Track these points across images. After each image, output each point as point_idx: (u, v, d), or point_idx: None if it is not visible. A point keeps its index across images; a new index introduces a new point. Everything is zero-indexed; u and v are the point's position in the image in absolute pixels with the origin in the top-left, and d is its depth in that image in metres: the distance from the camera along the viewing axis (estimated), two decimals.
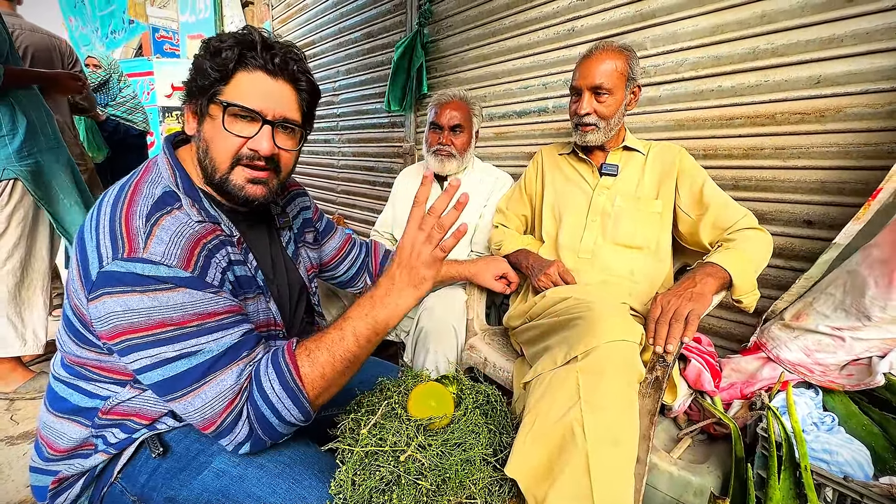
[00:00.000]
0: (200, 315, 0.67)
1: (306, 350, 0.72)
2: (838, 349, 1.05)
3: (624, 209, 1.27)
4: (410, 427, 0.84)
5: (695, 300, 0.96)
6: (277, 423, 0.70)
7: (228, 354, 0.69)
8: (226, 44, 0.73)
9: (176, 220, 0.69)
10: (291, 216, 1.02)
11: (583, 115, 1.24)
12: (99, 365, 0.76)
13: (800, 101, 1.23)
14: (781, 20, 1.23)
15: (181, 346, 0.65)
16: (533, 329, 1.14)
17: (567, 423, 0.81)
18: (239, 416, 0.69)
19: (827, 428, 1.01)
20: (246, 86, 0.74)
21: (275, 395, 0.69)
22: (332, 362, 0.71)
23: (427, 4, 2.37)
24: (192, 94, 0.76)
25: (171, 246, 0.66)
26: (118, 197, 0.70)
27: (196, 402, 0.67)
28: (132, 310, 0.63)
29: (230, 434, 0.69)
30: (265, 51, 0.74)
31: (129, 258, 0.63)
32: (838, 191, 1.19)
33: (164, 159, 0.77)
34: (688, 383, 1.20)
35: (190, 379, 0.66)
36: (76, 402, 0.78)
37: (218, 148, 0.75)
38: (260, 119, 0.75)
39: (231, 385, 0.67)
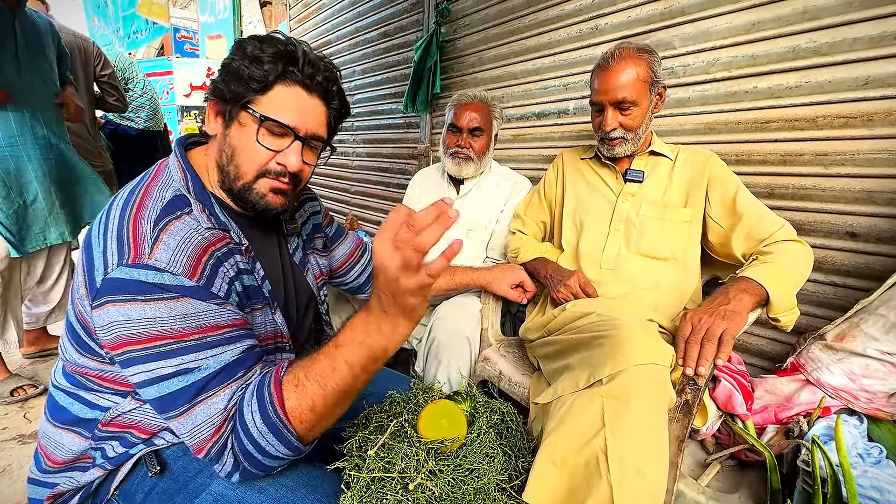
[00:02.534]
0: (202, 328, 0.63)
1: (295, 379, 0.65)
2: (889, 375, 0.97)
3: (650, 217, 1.20)
4: (420, 451, 0.79)
5: (729, 318, 0.89)
6: (262, 457, 0.64)
7: (224, 373, 0.64)
8: (267, 53, 0.70)
9: (185, 225, 0.66)
10: (301, 222, 0.99)
11: (609, 130, 1.18)
12: (100, 375, 0.73)
13: (844, 103, 1.14)
14: (825, 17, 1.15)
15: (179, 360, 0.62)
16: (552, 344, 1.08)
17: (591, 450, 0.75)
18: (224, 447, 0.64)
19: (874, 461, 0.92)
20: (282, 100, 0.72)
21: (256, 430, 0.63)
22: (324, 395, 0.63)
23: (444, 3, 2.32)
24: (221, 96, 0.73)
25: (177, 253, 0.63)
26: (128, 201, 0.68)
27: (188, 425, 0.63)
28: (132, 320, 0.60)
29: (218, 462, 0.65)
30: (308, 67, 0.73)
31: (133, 264, 0.61)
32: (887, 201, 1.10)
33: (176, 162, 0.75)
34: (717, 405, 1.12)
35: (184, 398, 0.63)
36: (76, 413, 0.75)
37: (245, 157, 0.73)
38: (292, 135, 0.73)
39: (221, 409, 0.63)
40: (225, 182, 0.75)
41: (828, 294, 1.21)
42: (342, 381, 0.63)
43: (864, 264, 1.15)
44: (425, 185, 1.79)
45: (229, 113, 0.73)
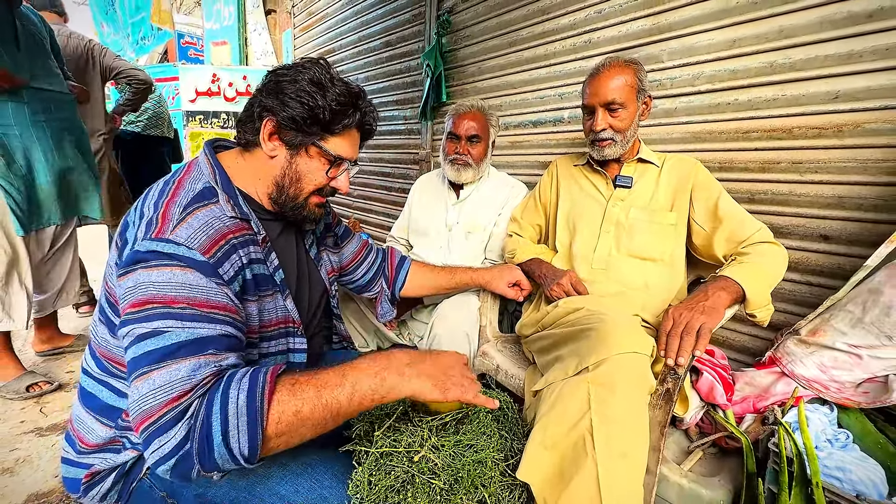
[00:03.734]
0: (192, 300, 0.66)
1: (292, 380, 0.67)
2: (855, 367, 1.05)
3: (638, 221, 1.28)
4: (424, 429, 0.87)
5: (707, 314, 0.97)
6: (219, 442, 0.61)
7: (194, 345, 0.64)
8: (344, 103, 0.82)
9: (210, 213, 0.74)
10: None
11: (599, 131, 1.26)
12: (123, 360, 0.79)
13: (817, 115, 1.23)
14: (800, 35, 1.23)
15: (157, 324, 0.64)
16: (545, 338, 1.16)
17: (578, 432, 0.83)
18: (181, 416, 0.61)
19: (841, 445, 1.00)
20: (347, 141, 0.87)
21: (234, 406, 0.62)
22: (313, 405, 0.64)
23: (446, 15, 2.41)
24: (289, 127, 0.81)
25: (198, 233, 0.70)
26: (163, 190, 0.76)
27: (143, 388, 0.61)
28: (139, 284, 0.66)
29: (162, 436, 0.60)
30: (370, 117, 0.89)
31: (155, 238, 0.68)
32: (856, 206, 1.18)
33: (206, 160, 0.83)
34: (700, 396, 1.20)
35: (148, 360, 0.63)
36: (105, 400, 0.81)
37: (307, 182, 0.86)
38: (346, 165, 0.89)
39: (183, 377, 0.62)
40: (280, 197, 0.86)
41: (804, 293, 1.29)
42: (337, 401, 0.65)
43: (837, 265, 1.23)
44: (426, 190, 1.87)
45: (298, 144, 0.83)
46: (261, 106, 0.81)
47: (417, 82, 2.73)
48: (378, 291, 1.31)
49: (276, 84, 0.81)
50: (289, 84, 0.80)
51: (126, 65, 2.57)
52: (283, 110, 0.80)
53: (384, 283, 1.30)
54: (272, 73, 0.84)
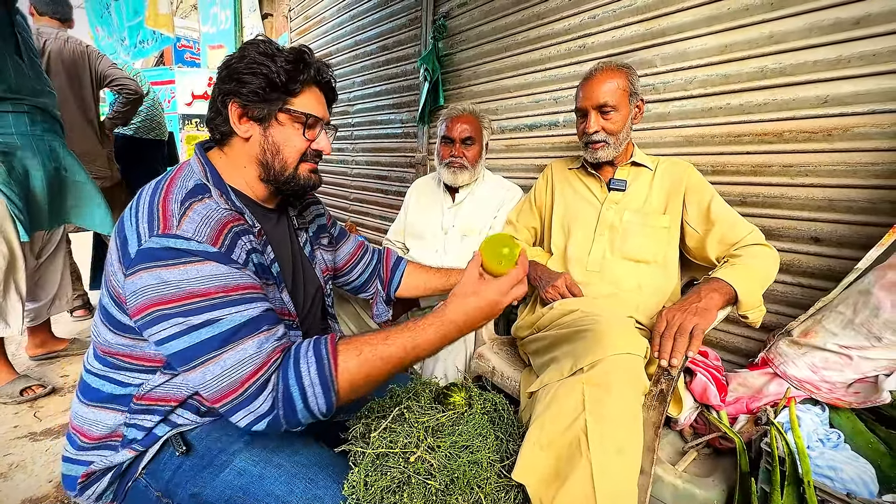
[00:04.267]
0: (225, 288, 0.71)
1: (356, 349, 0.74)
2: (845, 367, 1.06)
3: (632, 223, 1.30)
4: (419, 430, 0.88)
5: (699, 315, 0.98)
6: (301, 407, 0.71)
7: (249, 325, 0.71)
8: (293, 63, 0.83)
9: (206, 206, 0.75)
10: (307, 220, 1.09)
11: (591, 133, 1.27)
12: (130, 354, 0.80)
13: (807, 119, 1.25)
14: (789, 41, 1.25)
15: (208, 315, 0.69)
16: (540, 340, 1.17)
17: (573, 432, 0.83)
18: (263, 387, 0.70)
19: (833, 445, 1.01)
20: (311, 98, 0.88)
21: (308, 379, 0.71)
22: (378, 365, 0.74)
23: (441, 20, 2.43)
24: (253, 102, 0.82)
25: (201, 225, 0.72)
26: (155, 189, 0.77)
27: (215, 370, 0.68)
28: (164, 281, 0.68)
29: (248, 406, 0.69)
30: (320, 69, 0.89)
31: (163, 234, 0.70)
32: (846, 209, 1.20)
33: (196, 159, 0.85)
34: (694, 397, 1.21)
35: (210, 346, 0.69)
36: (109, 391, 0.82)
37: (289, 150, 0.86)
38: (321, 124, 0.90)
39: (252, 354, 0.69)
40: (269, 174, 0.87)
41: (796, 294, 1.31)
42: (400, 358, 0.75)
43: (828, 267, 1.25)
44: (422, 193, 1.88)
45: (266, 115, 0.83)
46: (221, 93, 0.83)
47: (414, 86, 2.74)
48: (374, 292, 1.32)
49: (227, 70, 0.83)
50: (238, 63, 0.82)
51: (120, 73, 2.55)
52: (241, 88, 0.81)
53: (379, 285, 1.31)
54: (220, 65, 0.86)
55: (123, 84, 2.56)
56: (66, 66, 2.32)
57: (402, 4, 2.76)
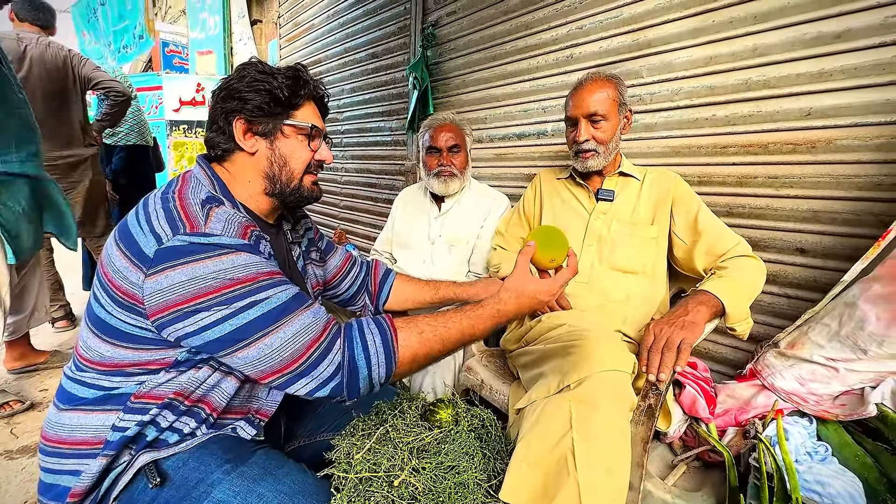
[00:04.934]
0: (263, 273, 0.74)
1: (416, 327, 0.79)
2: (832, 379, 1.06)
3: (620, 234, 1.29)
4: (404, 451, 0.86)
5: (687, 329, 0.97)
6: (365, 374, 0.75)
7: (297, 300, 0.75)
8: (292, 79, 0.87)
9: (224, 211, 0.77)
10: (300, 233, 1.10)
11: (582, 142, 1.28)
12: (132, 362, 0.77)
13: (791, 131, 1.26)
14: (773, 53, 1.27)
15: (252, 298, 0.71)
16: (528, 354, 1.15)
17: (560, 450, 0.82)
18: (327, 353, 0.73)
19: (820, 458, 1.01)
20: (310, 112, 0.92)
21: (374, 347, 0.76)
22: (435, 346, 0.79)
23: (430, 28, 2.43)
24: (258, 117, 0.85)
25: (227, 224, 0.74)
26: (165, 196, 0.77)
27: (274, 342, 0.70)
28: (198, 276, 0.69)
29: (312, 372, 0.72)
30: (316, 85, 0.93)
31: (191, 233, 0.70)
32: (830, 220, 1.21)
33: (203, 172, 0.85)
34: (683, 409, 1.21)
35: (266, 322, 0.71)
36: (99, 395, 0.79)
37: (295, 161, 0.89)
38: (322, 135, 0.93)
39: (311, 322, 0.73)
40: (275, 187, 0.89)
41: (782, 305, 1.32)
42: (454, 339, 0.81)
43: (813, 278, 1.25)
44: (409, 203, 1.87)
45: (272, 129, 0.86)
46: (223, 112, 0.85)
47: (403, 94, 2.74)
48: (362, 305, 1.30)
49: (227, 90, 0.85)
50: (238, 83, 0.85)
51: (105, 76, 2.51)
52: (245, 105, 0.84)
53: (367, 298, 1.29)
54: (219, 86, 0.88)
55: (110, 87, 2.52)
56: (49, 71, 2.29)
57: (392, 13, 2.76)
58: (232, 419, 0.89)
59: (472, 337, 0.83)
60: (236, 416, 0.90)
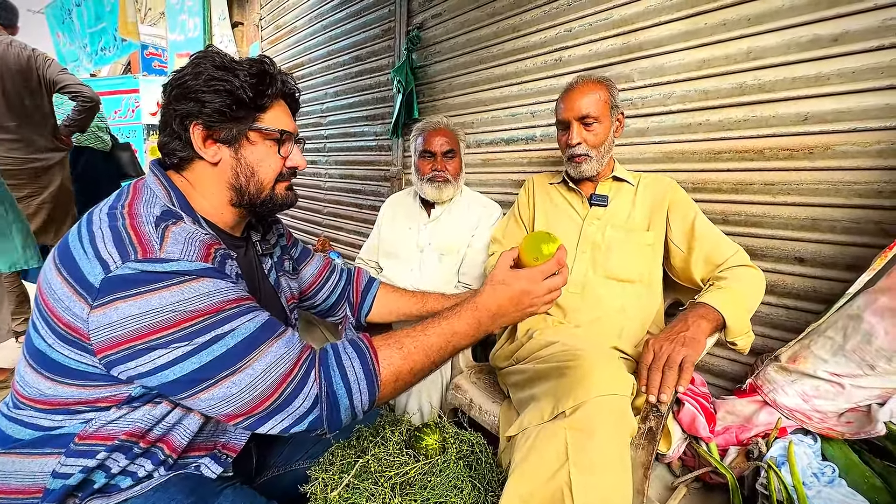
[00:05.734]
0: (228, 301, 0.65)
1: (396, 343, 0.72)
2: (837, 396, 1.01)
3: (615, 240, 1.24)
4: (386, 488, 0.78)
5: (688, 345, 0.92)
6: (346, 405, 0.68)
7: (268, 328, 0.67)
8: (258, 76, 0.76)
9: (183, 229, 0.68)
10: (272, 243, 1.01)
11: (574, 145, 1.22)
12: (78, 399, 0.68)
13: (788, 137, 1.22)
14: (768, 57, 1.23)
15: (216, 331, 0.63)
16: (519, 373, 1.08)
17: (556, 484, 0.75)
18: (302, 386, 0.66)
19: (828, 480, 0.96)
20: (280, 112, 0.82)
21: (353, 374, 0.68)
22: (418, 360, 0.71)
23: (416, 31, 2.37)
24: (219, 122, 0.74)
25: (187, 245, 0.65)
26: (112, 212, 0.67)
27: (244, 379, 0.62)
28: (154, 309, 0.60)
29: (287, 408, 0.65)
30: (285, 81, 0.82)
31: (144, 259, 0.61)
32: (830, 228, 1.17)
33: (157, 182, 0.74)
34: (682, 427, 1.15)
35: (233, 358, 0.63)
36: (47, 429, 0.69)
37: (265, 170, 0.80)
38: (293, 139, 0.83)
39: (283, 353, 0.66)
40: (243, 198, 0.79)
41: (781, 316, 1.27)
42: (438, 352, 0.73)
43: (812, 288, 1.21)
44: (397, 209, 1.79)
45: (236, 135, 0.76)
46: (178, 116, 0.74)
47: (388, 98, 2.66)
48: (342, 317, 1.22)
49: (180, 88, 0.74)
50: (193, 81, 0.73)
51: (72, 79, 2.41)
52: (203, 108, 0.73)
53: (349, 309, 1.21)
54: (170, 82, 0.76)
55: (78, 90, 2.42)
56: (12, 73, 2.20)
57: (376, 14, 2.69)
58: (195, 457, 0.80)
59: (457, 336, 0.74)
60: (200, 452, 0.80)
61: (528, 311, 0.76)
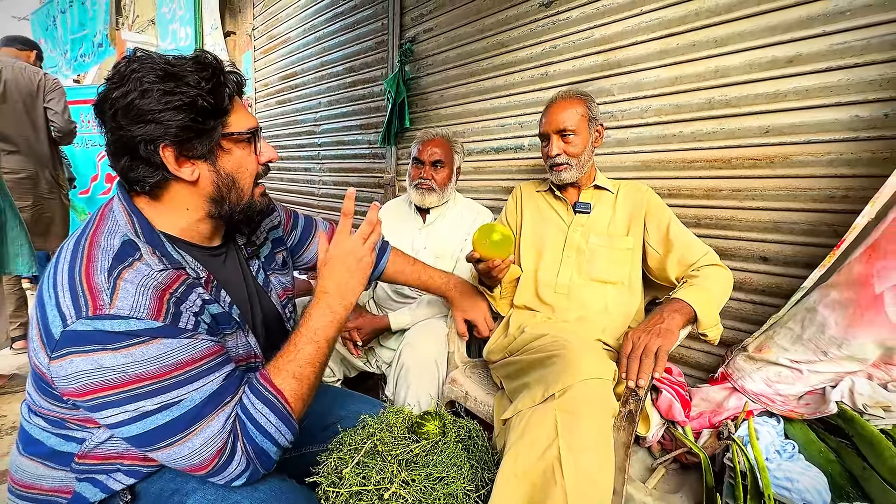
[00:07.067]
0: (178, 365, 0.66)
1: (288, 373, 0.75)
2: (796, 381, 1.13)
3: (598, 245, 1.34)
4: (393, 464, 0.86)
5: (663, 336, 1.02)
6: (275, 451, 0.74)
7: (212, 401, 0.68)
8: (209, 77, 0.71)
9: (138, 272, 0.66)
10: (259, 243, 1.00)
11: (554, 156, 1.33)
12: (63, 416, 0.74)
13: (752, 147, 1.34)
14: (732, 75, 1.35)
15: (161, 398, 0.64)
16: (512, 364, 1.18)
17: (547, 460, 0.84)
18: (232, 457, 0.70)
19: (788, 456, 1.07)
20: (240, 110, 0.78)
21: (272, 427, 0.72)
22: (315, 372, 0.78)
23: (408, 44, 2.48)
24: (189, 139, 0.70)
25: (137, 297, 0.64)
26: (75, 253, 0.67)
27: (182, 451, 0.66)
28: (104, 367, 0.61)
29: (224, 472, 0.70)
30: (236, 72, 0.78)
31: (95, 316, 0.61)
32: (789, 230, 1.29)
33: (121, 206, 0.73)
34: (660, 413, 1.25)
35: (175, 430, 0.66)
36: (52, 445, 0.76)
37: (244, 175, 0.79)
38: (259, 133, 0.81)
39: (219, 430, 0.68)
40: (222, 209, 0.78)
41: (748, 310, 1.39)
42: (318, 354, 0.78)
43: (776, 284, 1.33)
44: (393, 215, 1.88)
45: (211, 147, 0.73)
46: (140, 141, 0.68)
47: (381, 107, 2.76)
48: None
49: (130, 110, 0.67)
50: (142, 99, 0.67)
51: (56, 109, 2.57)
52: (168, 129, 0.68)
53: None
54: (110, 103, 0.68)
55: (53, 121, 2.58)
56: (23, 95, 2.45)
57: (369, 28, 2.79)
58: None
59: (322, 335, 0.79)
60: None
61: (363, 263, 0.83)
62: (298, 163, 3.63)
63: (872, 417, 1.02)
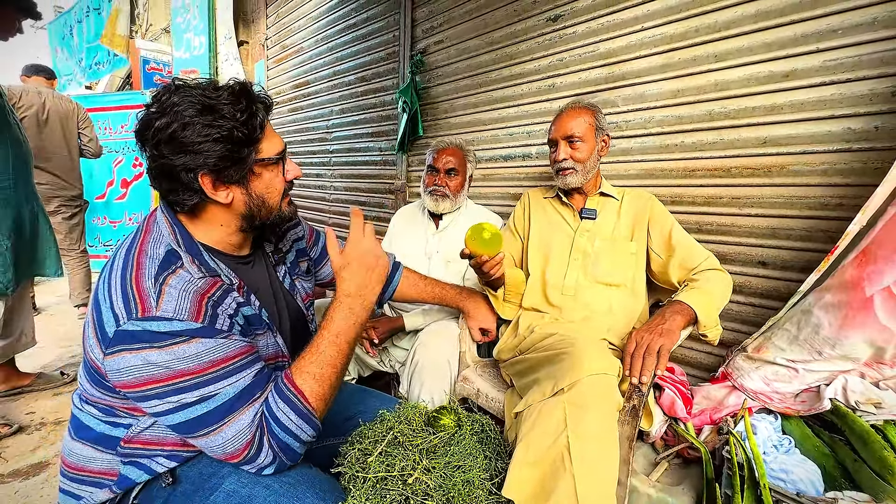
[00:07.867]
0: (214, 362, 0.73)
1: (309, 374, 0.80)
2: (793, 379, 1.19)
3: (603, 249, 1.41)
4: (415, 453, 0.93)
5: (665, 336, 1.08)
6: (298, 445, 0.79)
7: (244, 396, 0.75)
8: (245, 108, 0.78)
9: (181, 278, 0.75)
10: (285, 250, 1.09)
11: (561, 160, 1.40)
12: (112, 403, 0.82)
13: (750, 157, 1.41)
14: (732, 88, 1.42)
15: (200, 392, 0.72)
16: (522, 362, 1.25)
17: (557, 449, 0.90)
18: (260, 449, 0.76)
19: (785, 450, 1.13)
20: (271, 135, 0.85)
21: (293, 424, 0.78)
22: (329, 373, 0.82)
23: (419, 55, 2.56)
24: (225, 167, 0.78)
25: (180, 300, 0.72)
26: (126, 261, 0.76)
27: (217, 440, 0.74)
28: (151, 363, 0.70)
29: (255, 461, 0.77)
30: (266, 99, 0.86)
31: (143, 318, 0.70)
32: (786, 236, 1.36)
33: (164, 218, 0.82)
34: (663, 410, 1.31)
35: (211, 420, 0.73)
36: (101, 431, 0.84)
37: (273, 195, 0.87)
38: (286, 155, 0.89)
39: (248, 424, 0.75)
40: (252, 223, 0.87)
41: (748, 313, 1.45)
42: (339, 355, 0.83)
43: (774, 288, 1.39)
44: (407, 220, 1.96)
45: (244, 174, 0.81)
46: (181, 169, 0.75)
47: (392, 116, 2.85)
48: None
49: (172, 141, 0.74)
50: (184, 132, 0.74)
51: (89, 136, 3.00)
52: (207, 160, 0.75)
53: None
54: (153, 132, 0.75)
55: (87, 146, 3.02)
56: (62, 120, 2.83)
57: (380, 39, 2.89)
58: None
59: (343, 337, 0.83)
60: None
61: (382, 260, 0.89)
62: (310, 169, 3.73)
63: (864, 413, 1.08)
